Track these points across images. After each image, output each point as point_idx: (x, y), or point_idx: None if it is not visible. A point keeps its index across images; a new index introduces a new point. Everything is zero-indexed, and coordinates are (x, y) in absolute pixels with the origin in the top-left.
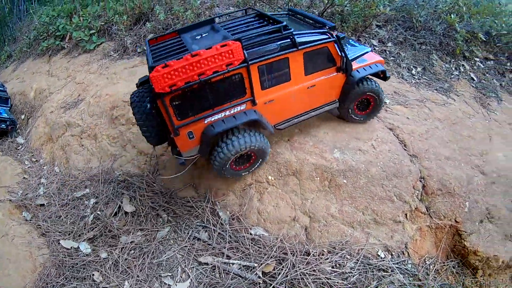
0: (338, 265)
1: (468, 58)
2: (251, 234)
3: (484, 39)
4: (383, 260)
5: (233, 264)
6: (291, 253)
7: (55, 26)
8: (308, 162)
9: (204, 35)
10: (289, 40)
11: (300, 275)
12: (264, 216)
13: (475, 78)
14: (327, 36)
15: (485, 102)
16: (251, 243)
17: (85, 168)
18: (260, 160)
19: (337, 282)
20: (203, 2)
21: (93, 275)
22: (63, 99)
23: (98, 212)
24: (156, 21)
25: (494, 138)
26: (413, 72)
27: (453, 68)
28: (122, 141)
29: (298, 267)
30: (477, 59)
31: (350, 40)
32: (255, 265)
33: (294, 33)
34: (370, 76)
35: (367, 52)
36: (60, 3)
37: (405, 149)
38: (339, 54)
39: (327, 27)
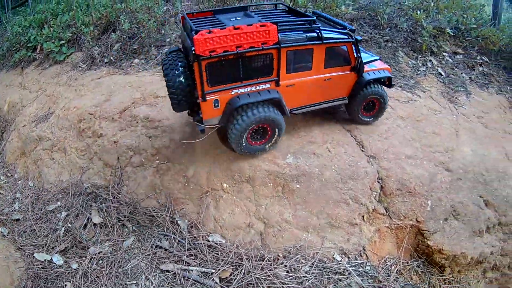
0: (293, 270)
1: (436, 54)
2: (208, 241)
3: (453, 34)
4: (339, 263)
5: (192, 270)
6: (246, 259)
7: (27, 37)
8: (261, 168)
9: (238, 18)
10: (315, 33)
11: (255, 280)
12: (220, 223)
13: (443, 73)
14: (347, 37)
15: (453, 97)
16: (209, 249)
17: (56, 182)
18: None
19: (292, 286)
20: (167, 10)
21: (65, 285)
22: (34, 112)
23: (69, 225)
24: (121, 31)
25: (462, 133)
26: None
27: (420, 64)
28: (89, 153)
29: (253, 272)
30: (446, 54)
31: (362, 48)
32: (213, 271)
33: (321, 28)
34: (376, 81)
35: (376, 59)
36: (32, 13)
37: (362, 150)
38: (355, 55)
39: (348, 29)
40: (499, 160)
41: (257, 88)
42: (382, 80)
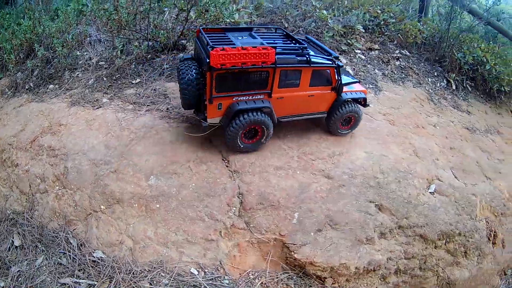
0: (154, 282)
1: (347, 52)
2: (93, 256)
3: (363, 31)
4: (195, 277)
5: (81, 283)
6: (119, 272)
7: None
8: (127, 191)
9: (244, 37)
10: (305, 58)
11: None
12: (100, 241)
13: (351, 72)
14: (331, 63)
15: None
16: (93, 264)
17: None
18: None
19: None
20: (76, 33)
21: None
22: None
23: None
24: (37, 56)
25: (358, 135)
26: None
27: None
28: (9, 182)
29: (123, 284)
30: (358, 52)
31: (346, 72)
32: (96, 283)
33: (310, 54)
34: (353, 101)
35: (356, 82)
36: None
37: (227, 166)
38: (336, 78)
39: (332, 56)
40: (403, 158)
41: (253, 97)
42: (358, 100)
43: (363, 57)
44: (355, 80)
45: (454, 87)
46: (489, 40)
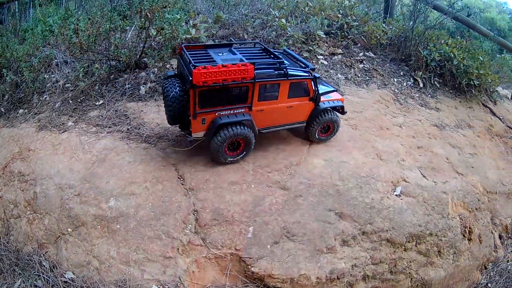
0: None
1: (309, 58)
2: (65, 277)
3: (324, 36)
4: None
5: None
6: None
7: None
8: (90, 213)
9: (224, 53)
10: (283, 71)
11: None
12: (70, 262)
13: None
14: (308, 74)
15: None
16: (65, 285)
17: None
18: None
19: None
20: (43, 56)
21: None
22: None
23: None
24: (5, 84)
25: (317, 143)
26: None
27: None
28: None
29: None
30: (320, 57)
31: (323, 81)
32: None
33: (287, 67)
34: (331, 109)
35: (333, 91)
36: None
37: (182, 184)
38: (313, 88)
39: (309, 68)
40: (364, 163)
41: (235, 111)
42: (336, 108)
43: (325, 62)
44: (333, 89)
45: (421, 85)
46: (461, 35)
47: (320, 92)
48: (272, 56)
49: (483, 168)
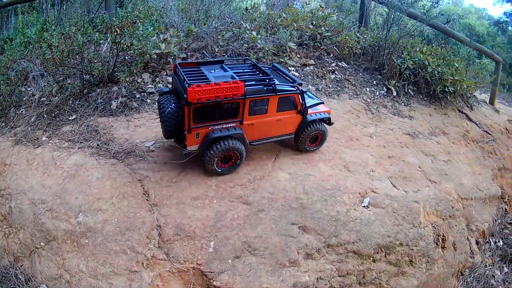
0: None
1: None
2: None
3: (295, 48)
4: None
5: None
6: None
7: None
8: (60, 228)
9: (217, 70)
10: (271, 87)
11: None
12: (44, 275)
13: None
14: (295, 89)
15: None
16: None
17: None
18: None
19: None
20: (19, 69)
21: None
22: None
23: None
24: None
25: (283, 156)
26: None
27: None
28: None
29: None
30: (292, 69)
31: (309, 93)
32: None
33: (276, 83)
34: (319, 120)
35: (320, 103)
36: None
37: (147, 200)
38: (301, 102)
39: (296, 83)
40: (331, 175)
41: (227, 125)
42: (323, 119)
43: (296, 74)
44: (320, 101)
45: (394, 93)
46: (439, 43)
47: (307, 105)
48: (261, 72)
49: (457, 174)
